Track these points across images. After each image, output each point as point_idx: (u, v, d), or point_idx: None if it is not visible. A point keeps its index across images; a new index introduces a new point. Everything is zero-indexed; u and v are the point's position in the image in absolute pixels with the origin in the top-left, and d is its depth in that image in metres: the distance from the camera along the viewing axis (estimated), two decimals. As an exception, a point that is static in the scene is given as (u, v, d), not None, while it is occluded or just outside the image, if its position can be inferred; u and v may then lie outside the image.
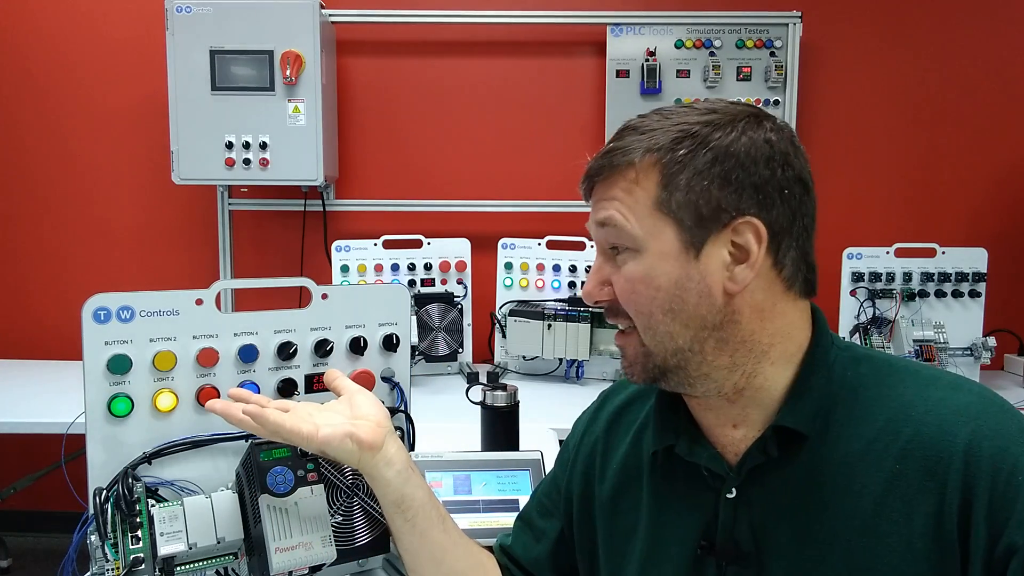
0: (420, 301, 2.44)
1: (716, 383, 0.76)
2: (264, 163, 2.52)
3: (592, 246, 0.93)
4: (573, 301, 2.41)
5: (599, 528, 0.90)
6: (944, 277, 2.35)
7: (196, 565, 0.92)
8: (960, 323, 2.33)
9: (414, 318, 2.39)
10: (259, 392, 1.04)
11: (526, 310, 2.38)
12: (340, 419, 0.90)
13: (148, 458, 0.95)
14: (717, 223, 0.72)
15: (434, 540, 0.90)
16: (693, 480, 0.80)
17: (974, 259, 2.36)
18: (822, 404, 0.74)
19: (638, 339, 0.77)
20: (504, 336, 2.45)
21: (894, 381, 0.74)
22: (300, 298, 1.10)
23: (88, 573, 0.88)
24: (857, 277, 2.35)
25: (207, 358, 0.99)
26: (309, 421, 0.87)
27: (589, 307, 2.31)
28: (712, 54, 2.70)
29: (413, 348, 2.32)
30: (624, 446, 0.90)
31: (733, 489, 0.76)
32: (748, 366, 0.75)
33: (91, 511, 0.88)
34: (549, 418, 1.76)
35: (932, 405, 0.70)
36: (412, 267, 2.53)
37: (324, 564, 0.94)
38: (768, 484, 0.75)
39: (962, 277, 2.35)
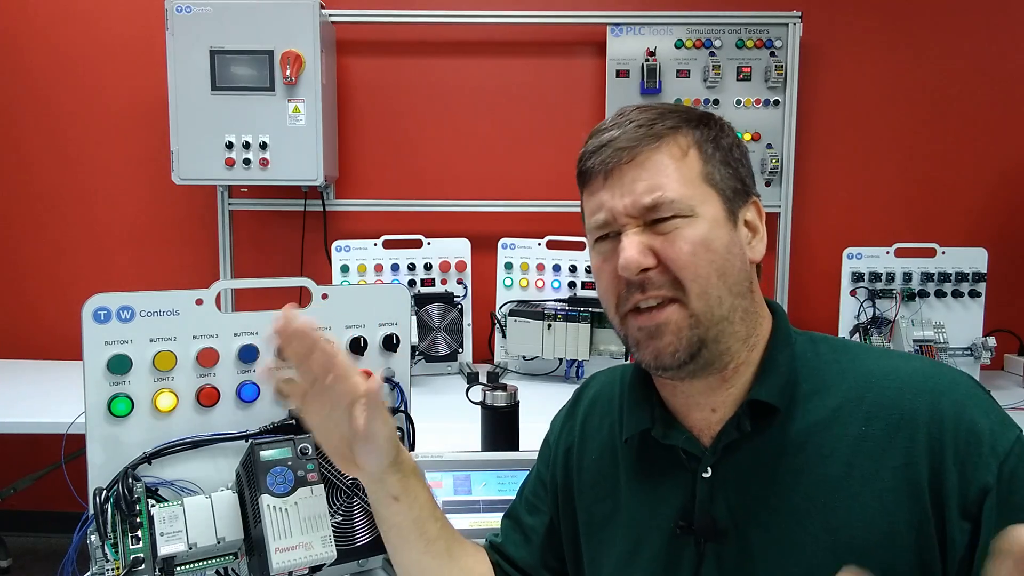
0: (420, 301, 2.44)
1: (731, 357, 0.78)
2: (264, 163, 2.52)
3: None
4: (573, 301, 2.41)
5: (580, 517, 0.91)
6: (944, 277, 2.35)
7: (196, 565, 0.93)
8: (960, 323, 2.33)
9: (414, 318, 2.39)
10: (259, 392, 1.04)
11: (526, 310, 2.38)
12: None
13: (148, 458, 0.95)
14: (743, 199, 0.81)
15: (408, 557, 0.89)
16: (669, 463, 0.82)
17: (974, 259, 2.36)
18: (789, 379, 0.78)
19: (679, 310, 0.75)
20: (504, 336, 2.45)
21: (852, 356, 0.80)
22: (300, 298, 1.10)
23: (88, 573, 0.88)
24: (857, 277, 2.35)
25: (207, 358, 0.99)
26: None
27: (589, 308, 2.31)
28: (712, 54, 2.70)
29: (413, 348, 2.31)
30: (600, 436, 0.92)
31: (709, 468, 0.78)
32: (751, 339, 0.79)
33: (91, 511, 0.88)
34: (549, 418, 1.75)
35: (890, 371, 0.76)
36: (412, 267, 2.53)
37: (324, 564, 0.94)
38: (742, 460, 0.78)
39: (962, 277, 2.35)
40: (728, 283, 0.76)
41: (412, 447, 1.15)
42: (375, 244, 2.53)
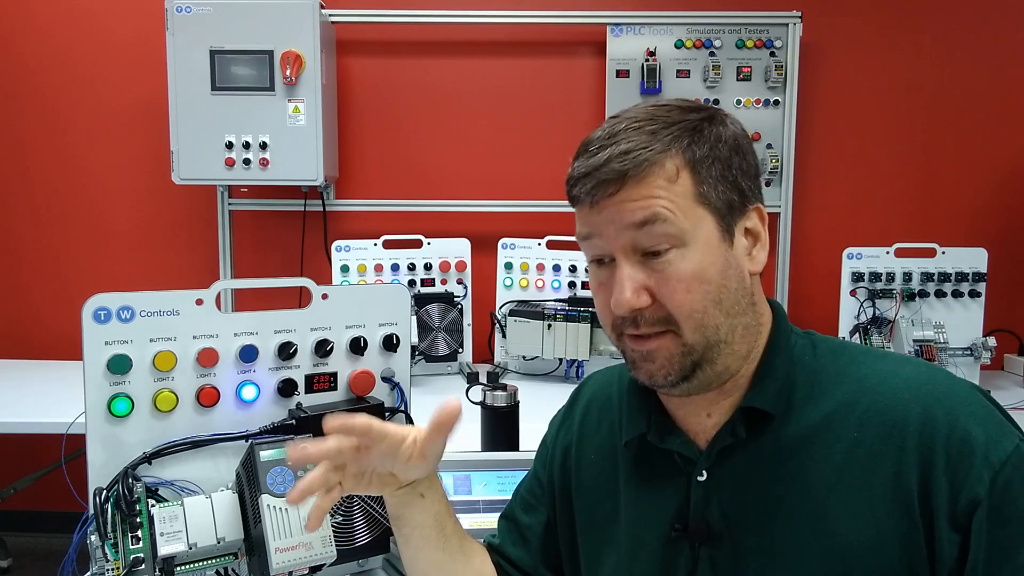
0: (420, 301, 2.44)
1: (730, 374, 0.77)
2: (264, 163, 2.52)
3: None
4: (573, 301, 2.41)
5: (578, 518, 0.91)
6: (944, 277, 2.35)
7: (196, 565, 0.93)
8: (960, 323, 2.33)
9: (414, 318, 2.39)
10: (260, 392, 1.04)
11: (526, 310, 2.38)
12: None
13: (148, 458, 0.95)
14: (741, 210, 0.77)
15: (428, 557, 0.88)
16: (665, 466, 0.82)
17: (974, 259, 2.36)
18: (785, 384, 0.77)
19: (672, 339, 0.74)
20: (504, 336, 2.44)
21: (848, 359, 0.78)
22: (300, 298, 1.10)
23: (88, 573, 0.88)
24: (857, 277, 2.35)
25: (207, 358, 0.99)
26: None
27: (589, 308, 2.31)
28: (712, 54, 2.70)
29: (413, 348, 2.31)
30: (598, 437, 0.92)
31: (704, 472, 0.78)
32: (752, 353, 0.78)
33: (91, 511, 0.88)
34: (549, 418, 1.75)
35: (885, 376, 0.75)
36: (412, 267, 2.53)
37: (324, 564, 0.94)
38: (737, 465, 0.77)
39: (962, 277, 2.34)
40: (725, 308, 0.75)
41: (412, 447, 1.15)
42: (375, 244, 2.53)
